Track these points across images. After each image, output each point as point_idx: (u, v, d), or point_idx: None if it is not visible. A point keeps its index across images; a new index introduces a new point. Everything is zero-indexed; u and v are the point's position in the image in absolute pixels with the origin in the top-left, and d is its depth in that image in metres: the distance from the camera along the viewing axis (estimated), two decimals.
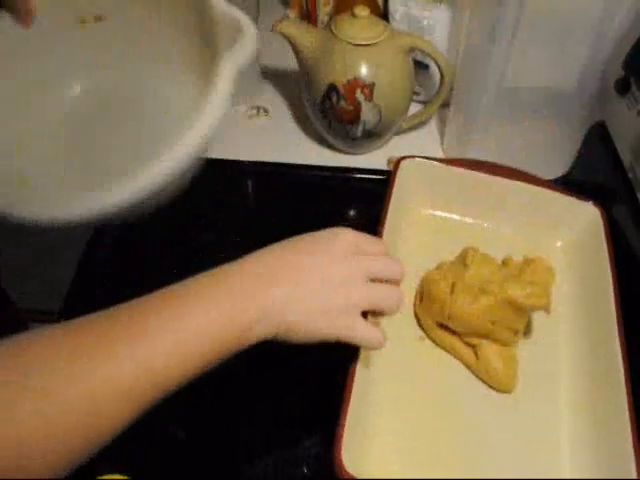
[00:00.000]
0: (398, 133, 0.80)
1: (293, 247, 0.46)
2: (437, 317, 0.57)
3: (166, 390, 0.39)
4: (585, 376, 0.56)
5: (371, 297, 0.46)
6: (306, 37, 0.72)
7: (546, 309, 0.55)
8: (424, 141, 0.81)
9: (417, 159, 0.67)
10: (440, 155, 0.79)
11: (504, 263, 0.61)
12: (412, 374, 0.56)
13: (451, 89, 0.75)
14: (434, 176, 0.67)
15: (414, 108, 0.80)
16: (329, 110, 0.73)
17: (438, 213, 0.69)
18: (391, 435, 0.52)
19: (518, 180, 0.66)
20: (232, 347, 0.41)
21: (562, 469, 0.51)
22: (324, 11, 0.90)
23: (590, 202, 0.64)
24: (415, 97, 0.80)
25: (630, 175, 0.62)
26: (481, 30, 0.66)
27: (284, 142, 0.81)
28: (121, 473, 0.46)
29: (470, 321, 0.55)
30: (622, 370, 0.51)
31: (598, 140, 0.68)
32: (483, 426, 0.54)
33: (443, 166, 0.67)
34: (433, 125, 0.84)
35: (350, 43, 0.70)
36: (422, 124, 0.82)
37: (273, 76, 0.89)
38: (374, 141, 0.77)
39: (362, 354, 0.50)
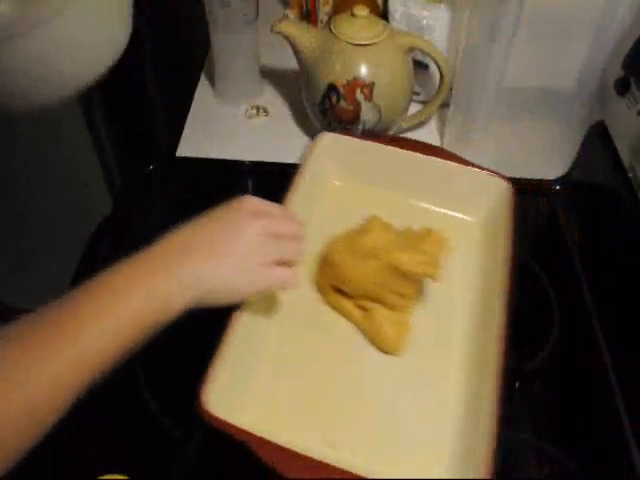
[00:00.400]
0: (398, 133, 0.80)
1: (204, 220, 0.50)
2: (332, 280, 0.59)
3: (104, 370, 0.41)
4: (470, 347, 0.57)
5: (279, 251, 0.51)
6: (306, 37, 0.72)
7: (433, 277, 0.56)
8: (424, 140, 0.81)
9: (333, 134, 0.69)
10: None
11: (403, 232, 0.62)
12: (304, 334, 0.58)
13: (451, 89, 0.75)
14: (351, 151, 0.69)
15: (414, 108, 0.80)
16: (329, 110, 0.73)
17: (354, 185, 0.71)
18: (271, 391, 0.54)
19: (433, 155, 0.68)
20: (158, 319, 0.44)
21: (443, 426, 0.52)
22: (324, 11, 0.91)
23: (500, 177, 0.66)
24: (415, 97, 0.80)
25: (630, 175, 0.62)
26: (481, 30, 0.66)
27: (284, 142, 0.81)
28: (121, 473, 0.46)
29: (358, 283, 0.57)
30: (498, 346, 0.53)
31: (598, 140, 0.68)
32: (367, 384, 0.55)
33: (360, 141, 0.69)
34: (433, 125, 0.84)
35: (350, 43, 0.70)
36: (422, 124, 0.82)
37: (273, 76, 0.89)
38: None
39: (248, 306, 0.53)
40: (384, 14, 0.83)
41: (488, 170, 0.67)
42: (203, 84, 0.90)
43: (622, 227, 0.64)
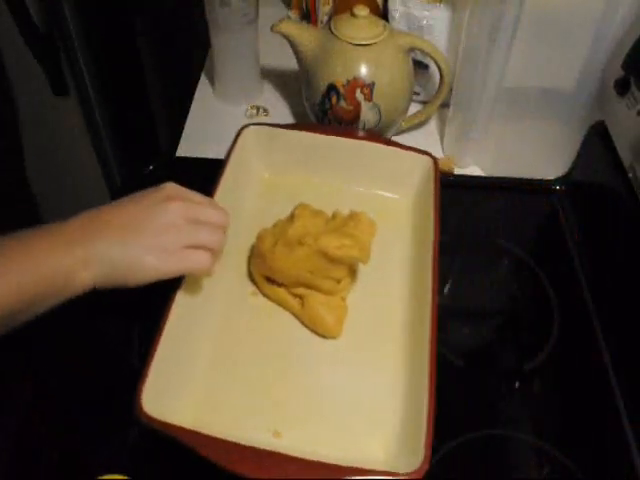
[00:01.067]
0: (398, 133, 0.80)
1: (124, 201, 0.51)
2: (263, 271, 0.60)
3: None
4: (406, 325, 0.58)
5: (196, 236, 0.50)
6: (306, 37, 0.72)
7: (361, 261, 0.58)
8: (424, 141, 0.81)
9: (256, 126, 0.70)
10: (440, 155, 0.79)
11: (332, 217, 0.62)
12: (241, 325, 0.59)
13: (451, 89, 0.75)
14: (276, 141, 0.70)
15: (414, 108, 0.80)
16: (329, 110, 0.73)
17: (282, 175, 0.71)
18: (211, 384, 0.54)
19: (356, 138, 0.69)
20: (56, 292, 0.45)
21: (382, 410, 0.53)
22: (324, 11, 0.90)
23: (425, 155, 0.68)
24: (415, 97, 0.80)
25: (630, 175, 0.61)
26: (481, 30, 0.66)
27: None
28: (121, 473, 0.46)
29: (289, 272, 0.58)
30: (430, 325, 0.53)
31: (598, 140, 0.68)
32: (307, 370, 0.56)
33: (284, 131, 0.70)
34: (433, 125, 0.84)
35: (350, 43, 0.70)
36: (422, 124, 0.82)
37: (273, 76, 0.89)
38: None
39: (184, 290, 0.54)
40: (384, 14, 0.83)
41: (412, 148, 0.69)
42: (203, 84, 0.90)
43: (622, 227, 0.63)
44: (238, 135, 0.69)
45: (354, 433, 0.52)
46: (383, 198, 0.70)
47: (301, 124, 0.72)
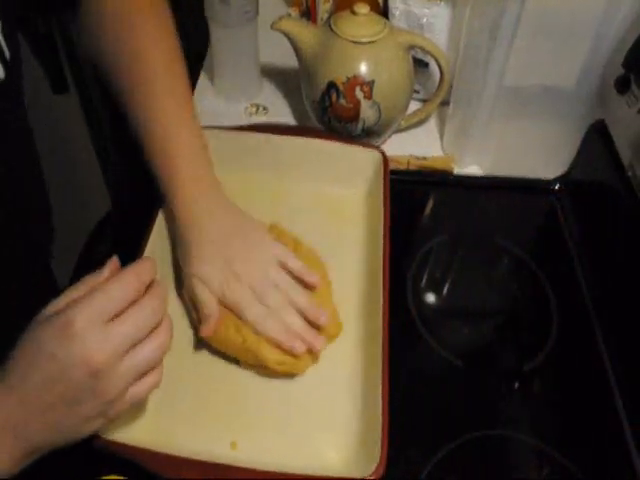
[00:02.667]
0: (398, 131, 0.80)
1: (27, 364, 0.40)
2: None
3: None
4: (360, 326, 0.58)
5: (136, 370, 0.41)
6: (306, 35, 0.72)
7: (296, 373, 0.55)
8: (424, 139, 0.81)
9: (205, 130, 0.67)
10: (439, 154, 0.79)
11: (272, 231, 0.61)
12: (194, 338, 0.57)
13: (451, 87, 0.75)
14: (224, 144, 0.68)
15: (414, 106, 0.80)
16: (328, 108, 0.73)
17: (233, 178, 0.67)
18: (163, 400, 0.52)
19: (303, 136, 0.69)
20: None
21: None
22: (324, 8, 0.90)
23: (375, 149, 0.68)
24: (415, 95, 0.80)
25: (630, 174, 0.61)
26: (481, 28, 0.65)
27: None
28: (121, 473, 0.46)
29: (229, 346, 0.55)
30: (381, 332, 0.52)
31: (598, 139, 0.68)
32: (263, 379, 0.55)
33: (232, 132, 0.69)
34: (433, 123, 0.83)
35: (350, 41, 0.70)
36: (422, 122, 0.82)
37: (273, 74, 0.89)
38: (373, 139, 0.77)
39: None
40: (384, 12, 0.83)
41: (361, 143, 0.69)
42: (203, 82, 0.89)
43: (622, 226, 0.63)
44: None
45: (310, 440, 0.52)
46: (335, 195, 0.70)
47: (249, 125, 0.71)
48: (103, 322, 0.39)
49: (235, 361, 0.56)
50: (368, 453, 0.47)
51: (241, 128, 0.70)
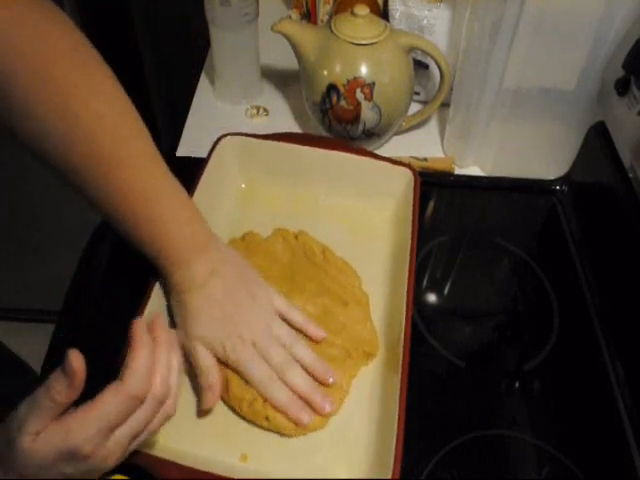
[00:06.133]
0: (398, 133, 0.80)
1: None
2: None
3: None
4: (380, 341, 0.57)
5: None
6: (306, 36, 0.72)
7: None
8: (424, 140, 0.81)
9: (232, 136, 0.68)
10: (440, 155, 0.79)
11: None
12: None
13: (451, 89, 0.75)
14: (254, 152, 0.68)
15: (414, 108, 0.80)
16: (329, 110, 0.73)
17: (260, 187, 0.69)
18: (178, 407, 0.49)
19: (336, 150, 0.67)
20: None
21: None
22: (324, 10, 0.90)
23: (404, 166, 0.66)
24: (415, 97, 0.80)
25: (630, 175, 0.61)
26: (481, 30, 0.66)
27: None
28: (121, 473, 0.46)
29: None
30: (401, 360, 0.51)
31: (598, 140, 0.68)
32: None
33: (262, 141, 0.68)
34: (433, 125, 0.84)
35: (350, 42, 0.70)
36: (422, 124, 0.82)
37: (273, 76, 0.89)
38: (374, 141, 0.77)
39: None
40: (384, 14, 0.83)
41: (391, 160, 0.67)
42: (203, 84, 0.89)
43: (622, 227, 0.63)
44: (215, 145, 0.67)
45: (321, 452, 0.51)
46: (362, 209, 0.68)
47: (279, 134, 0.70)
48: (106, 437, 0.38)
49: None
50: (381, 467, 0.46)
51: (271, 137, 0.69)
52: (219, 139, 0.68)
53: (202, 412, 0.52)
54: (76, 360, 0.35)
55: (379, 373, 0.55)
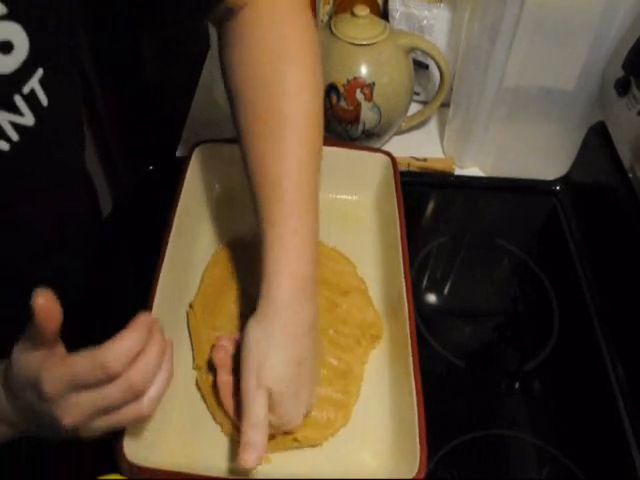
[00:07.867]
0: (398, 133, 0.80)
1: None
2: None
3: None
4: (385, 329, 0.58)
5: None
6: None
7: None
8: (424, 141, 0.81)
9: (207, 144, 0.67)
10: (440, 155, 0.79)
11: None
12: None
13: (451, 89, 0.75)
14: (227, 157, 0.66)
15: (414, 108, 0.80)
16: (329, 110, 0.73)
17: (239, 191, 0.65)
18: (194, 412, 0.52)
19: None
20: None
21: None
22: (324, 10, 0.90)
23: (382, 153, 0.67)
24: (415, 97, 0.80)
25: (630, 175, 0.62)
26: (481, 30, 0.66)
27: None
28: (121, 473, 0.46)
29: None
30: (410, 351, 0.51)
31: (598, 140, 0.68)
32: None
33: (232, 145, 0.65)
34: (433, 125, 0.84)
35: (350, 43, 0.70)
36: (422, 124, 0.82)
37: None
38: (374, 141, 0.77)
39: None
40: (384, 14, 0.83)
41: (367, 148, 0.68)
42: (203, 84, 0.89)
43: (622, 227, 0.64)
44: (190, 156, 0.66)
45: (346, 444, 0.51)
46: (346, 201, 0.69)
47: None
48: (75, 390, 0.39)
49: None
50: (406, 456, 0.46)
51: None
52: (192, 148, 0.66)
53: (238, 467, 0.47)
54: (40, 297, 0.36)
55: (387, 354, 0.56)
